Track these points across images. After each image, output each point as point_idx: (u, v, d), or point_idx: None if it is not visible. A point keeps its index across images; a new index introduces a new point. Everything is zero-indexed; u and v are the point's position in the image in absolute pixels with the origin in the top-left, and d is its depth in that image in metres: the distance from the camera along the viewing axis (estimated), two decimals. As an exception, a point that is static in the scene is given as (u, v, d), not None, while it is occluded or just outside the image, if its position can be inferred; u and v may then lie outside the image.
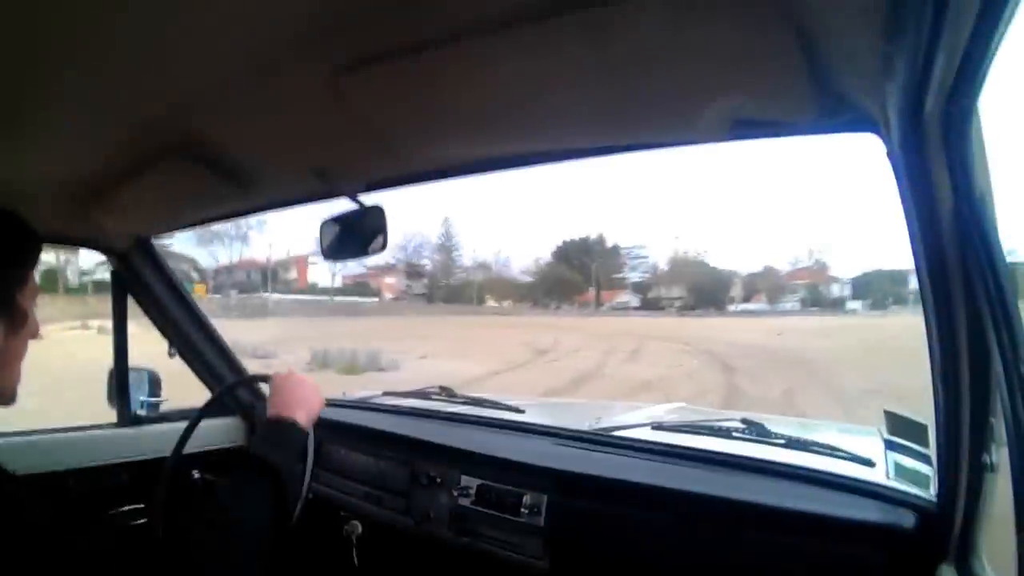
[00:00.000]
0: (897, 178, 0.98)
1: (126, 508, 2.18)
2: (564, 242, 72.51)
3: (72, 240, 2.23)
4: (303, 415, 1.38)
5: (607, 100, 1.06)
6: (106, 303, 2.41)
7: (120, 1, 0.84)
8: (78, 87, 1.11)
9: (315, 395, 1.47)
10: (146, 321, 2.51)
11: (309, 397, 1.44)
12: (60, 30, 0.90)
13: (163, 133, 1.35)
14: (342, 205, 1.64)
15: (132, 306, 2.44)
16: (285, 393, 1.43)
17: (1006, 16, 0.63)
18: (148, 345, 2.56)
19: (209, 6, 0.87)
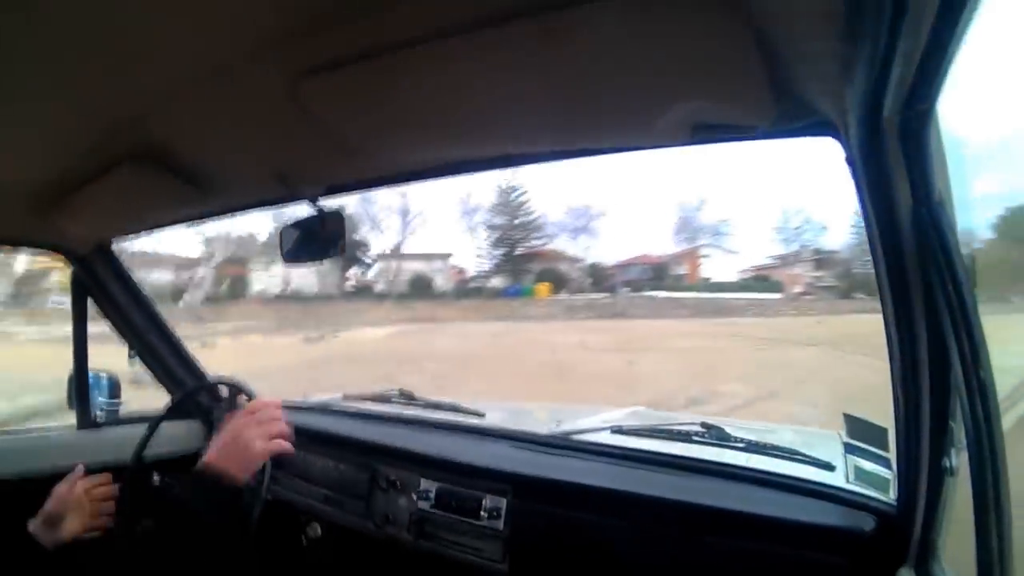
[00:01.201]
0: (856, 182, 0.99)
1: None
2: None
3: (32, 244, 2.21)
4: (237, 468, 1.29)
5: (567, 104, 1.06)
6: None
7: (81, 5, 0.82)
8: (38, 91, 1.09)
9: (257, 448, 1.35)
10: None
11: (248, 450, 1.33)
12: (20, 33, 0.89)
13: (124, 137, 1.32)
14: (304, 208, 1.63)
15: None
16: (222, 440, 1.35)
17: (963, 20, 0.63)
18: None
19: (171, 11, 0.86)
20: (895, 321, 1.04)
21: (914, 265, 0.94)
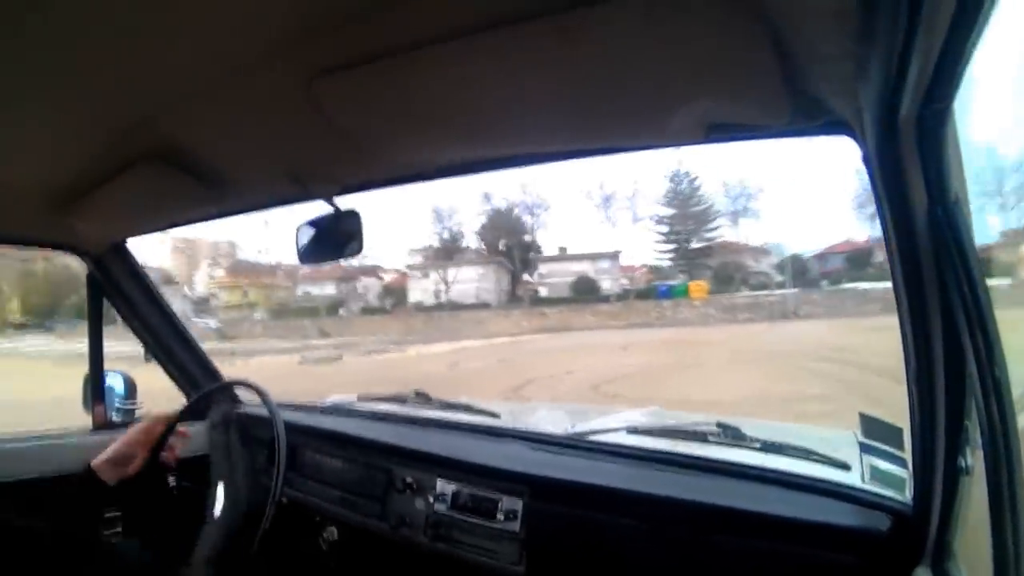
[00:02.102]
0: (872, 181, 0.98)
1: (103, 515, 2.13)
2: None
3: (47, 243, 2.22)
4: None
5: (582, 103, 1.06)
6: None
7: (97, 6, 0.83)
8: (53, 91, 1.10)
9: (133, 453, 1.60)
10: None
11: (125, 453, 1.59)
12: (36, 34, 0.90)
13: (139, 137, 1.34)
14: (320, 207, 1.64)
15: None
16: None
17: (981, 19, 0.63)
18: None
19: (185, 12, 0.87)
20: (910, 320, 1.03)
21: (929, 264, 0.93)
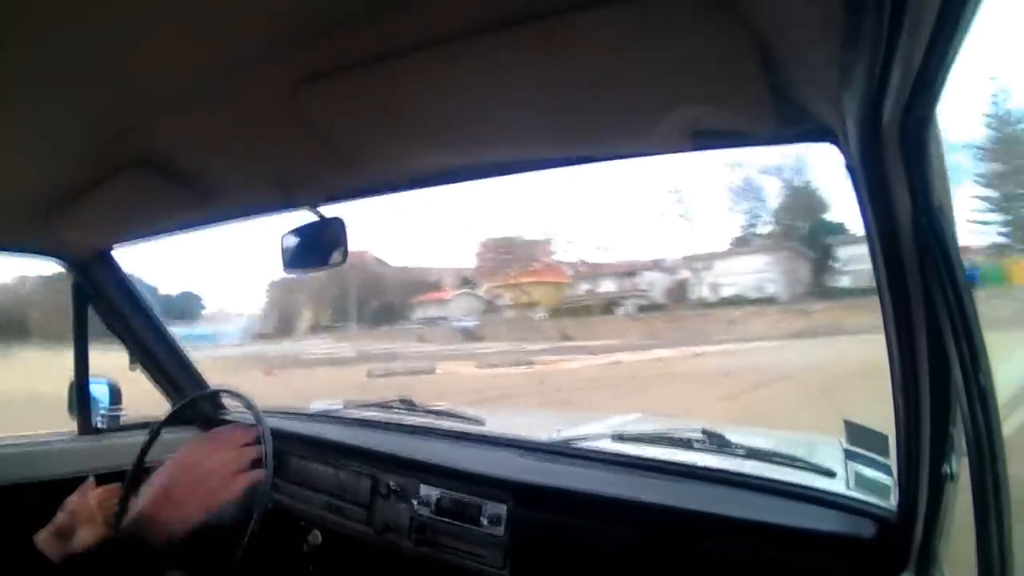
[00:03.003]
0: (855, 189, 0.99)
1: None
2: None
3: (32, 251, 2.21)
4: (187, 510, 1.18)
5: (567, 110, 1.06)
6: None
7: (81, 14, 0.83)
8: (38, 98, 1.09)
9: (213, 486, 1.24)
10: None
11: (201, 484, 1.23)
12: (19, 41, 0.89)
13: (124, 144, 1.33)
14: (306, 216, 1.65)
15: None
16: (163, 476, 1.23)
17: (963, 26, 0.63)
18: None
19: (170, 20, 0.87)
20: (895, 327, 1.04)
21: (914, 271, 0.93)
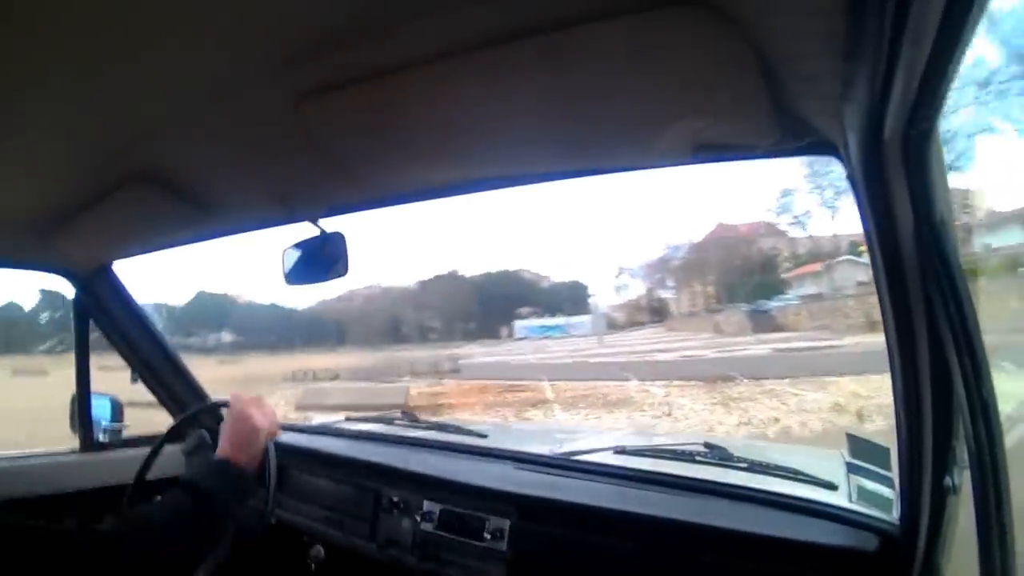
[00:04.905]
0: (857, 201, 0.99)
1: None
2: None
3: (34, 266, 2.21)
4: (246, 456, 1.39)
5: (568, 124, 1.07)
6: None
7: (84, 29, 0.83)
8: (41, 114, 1.10)
9: (263, 428, 1.47)
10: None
11: (256, 432, 1.45)
12: (21, 57, 0.89)
13: (126, 159, 1.34)
14: (307, 229, 1.64)
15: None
16: (231, 431, 1.43)
17: (964, 39, 0.63)
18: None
19: (172, 35, 0.87)
20: (897, 340, 1.04)
21: (916, 283, 0.94)
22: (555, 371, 18.57)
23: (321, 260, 1.65)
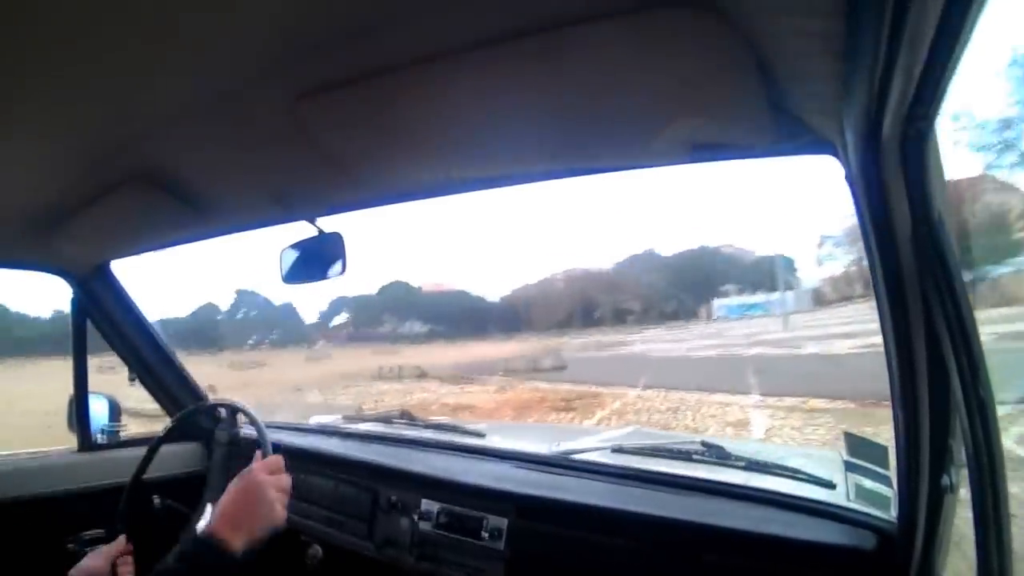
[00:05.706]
0: (855, 201, 0.99)
1: (86, 535, 2.13)
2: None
3: (32, 266, 2.21)
4: (240, 537, 1.23)
5: (565, 123, 1.07)
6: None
7: (81, 29, 0.83)
8: (39, 114, 1.10)
9: (272, 508, 1.32)
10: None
11: (262, 512, 1.30)
12: (20, 57, 0.89)
13: (124, 159, 1.34)
14: (304, 228, 1.65)
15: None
16: (233, 501, 1.30)
17: (962, 39, 0.63)
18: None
19: (170, 35, 0.87)
20: (894, 339, 1.04)
21: (913, 282, 0.94)
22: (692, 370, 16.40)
23: (319, 260, 1.66)
